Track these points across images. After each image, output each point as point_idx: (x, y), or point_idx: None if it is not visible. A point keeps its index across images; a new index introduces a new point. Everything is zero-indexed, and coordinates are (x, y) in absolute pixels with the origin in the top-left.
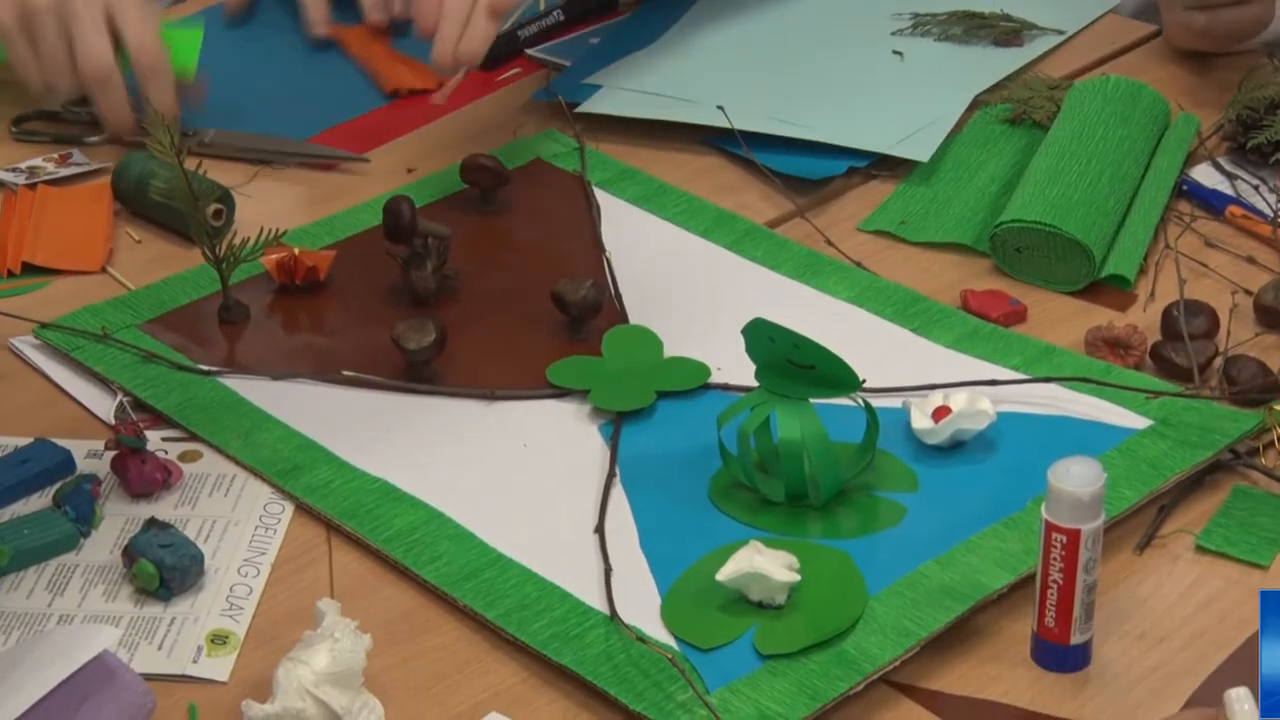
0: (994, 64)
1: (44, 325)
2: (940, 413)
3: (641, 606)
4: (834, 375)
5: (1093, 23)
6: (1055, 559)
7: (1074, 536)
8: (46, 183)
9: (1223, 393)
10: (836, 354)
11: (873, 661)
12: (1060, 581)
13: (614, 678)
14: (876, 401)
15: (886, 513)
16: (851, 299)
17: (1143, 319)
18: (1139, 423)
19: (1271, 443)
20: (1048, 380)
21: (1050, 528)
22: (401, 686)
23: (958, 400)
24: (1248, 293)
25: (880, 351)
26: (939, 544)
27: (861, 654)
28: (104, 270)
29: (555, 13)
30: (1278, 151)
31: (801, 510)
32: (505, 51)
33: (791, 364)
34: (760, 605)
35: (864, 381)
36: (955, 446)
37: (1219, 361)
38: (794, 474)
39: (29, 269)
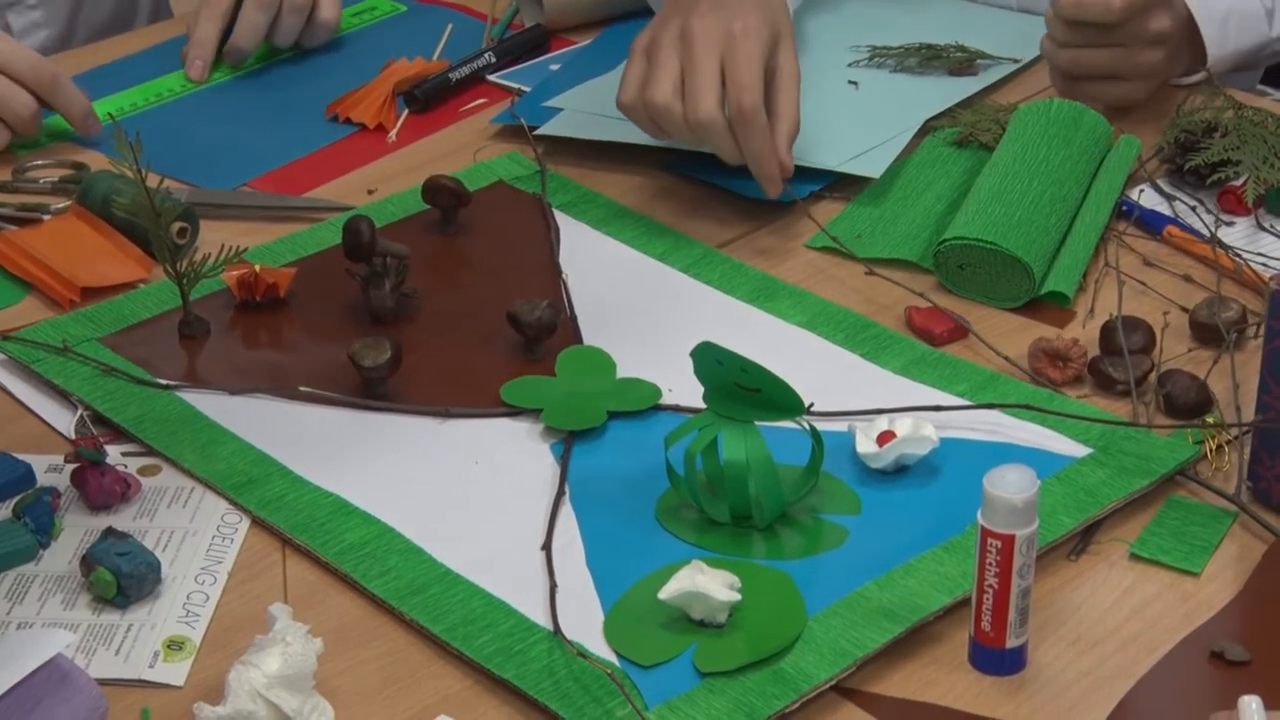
0: (947, 91)
1: (4, 337)
2: (885, 437)
3: (585, 623)
4: (780, 399)
5: None
6: (990, 564)
7: (1009, 542)
8: (20, 220)
9: (1157, 405)
10: (782, 378)
11: (809, 680)
12: (995, 586)
13: (555, 692)
14: (823, 425)
15: (829, 535)
16: (803, 323)
17: (1082, 334)
18: (1079, 450)
19: (1205, 454)
20: (991, 407)
21: (985, 533)
22: (352, 690)
23: (902, 425)
24: (1184, 310)
25: (829, 375)
26: (879, 566)
27: (798, 673)
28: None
29: (487, 54)
30: (1214, 173)
31: (746, 531)
32: (440, 88)
33: (739, 387)
34: (701, 624)
35: (811, 405)
36: (899, 471)
37: (1154, 376)
38: (738, 495)
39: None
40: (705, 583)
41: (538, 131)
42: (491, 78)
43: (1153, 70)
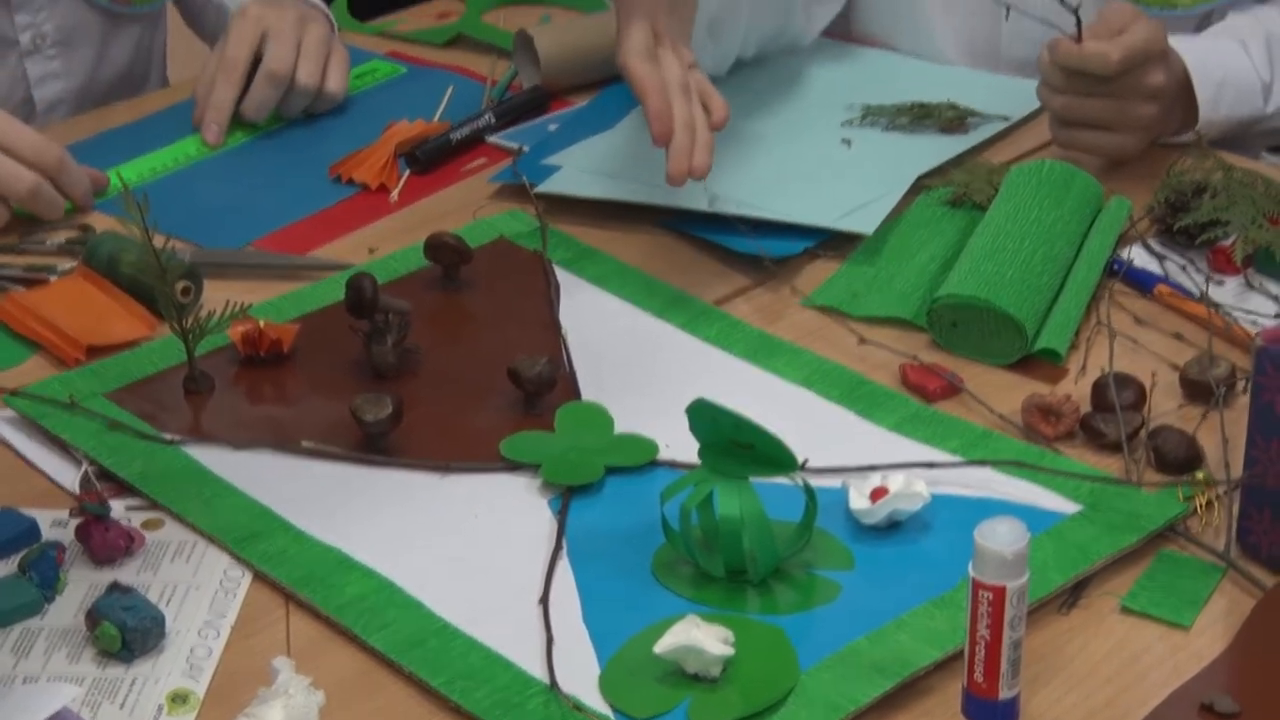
0: (939, 149)
1: (13, 393)
2: (877, 493)
3: (581, 676)
4: (773, 455)
5: (1038, 111)
6: (982, 616)
7: (999, 594)
8: (27, 281)
9: (1148, 461)
10: (776, 435)
11: None
12: (987, 638)
13: None
14: (817, 481)
15: (822, 590)
16: (800, 381)
17: (1074, 391)
18: (1069, 507)
19: (1194, 510)
20: (982, 464)
21: (977, 585)
22: None
23: (895, 482)
24: (1175, 367)
25: (824, 432)
26: (871, 621)
27: None
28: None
29: (487, 115)
30: (1204, 233)
31: (741, 586)
32: (441, 149)
33: (734, 444)
34: (695, 678)
35: (805, 462)
36: (891, 527)
37: (1145, 432)
38: (733, 550)
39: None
40: (700, 637)
41: (538, 189)
42: (491, 138)
43: (1147, 124)
